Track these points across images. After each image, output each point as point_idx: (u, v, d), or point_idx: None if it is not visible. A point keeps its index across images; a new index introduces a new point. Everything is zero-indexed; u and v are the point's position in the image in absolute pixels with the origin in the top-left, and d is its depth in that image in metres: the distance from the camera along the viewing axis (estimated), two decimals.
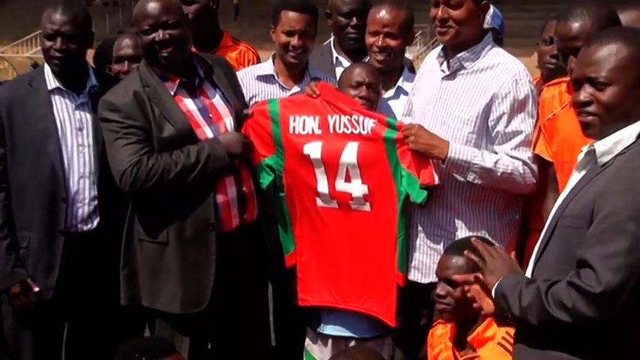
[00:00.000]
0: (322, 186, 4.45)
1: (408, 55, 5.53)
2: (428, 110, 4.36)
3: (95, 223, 4.64)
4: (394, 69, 4.97)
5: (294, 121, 4.51)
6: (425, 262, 4.43)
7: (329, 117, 4.45)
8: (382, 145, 4.29)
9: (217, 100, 4.51)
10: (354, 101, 4.49)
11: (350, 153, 4.38)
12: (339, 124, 4.41)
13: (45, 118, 4.59)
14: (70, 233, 4.61)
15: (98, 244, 4.62)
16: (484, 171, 4.13)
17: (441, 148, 4.11)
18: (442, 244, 4.33)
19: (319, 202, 4.51)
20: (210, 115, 4.45)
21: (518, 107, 4.18)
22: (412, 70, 5.13)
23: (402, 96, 4.93)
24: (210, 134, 4.43)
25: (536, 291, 3.00)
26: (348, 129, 4.39)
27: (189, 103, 4.42)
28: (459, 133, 4.23)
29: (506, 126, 4.16)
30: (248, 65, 5.60)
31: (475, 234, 4.16)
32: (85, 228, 4.62)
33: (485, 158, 4.12)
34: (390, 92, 4.96)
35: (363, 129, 4.35)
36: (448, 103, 4.26)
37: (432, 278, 4.25)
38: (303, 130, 4.48)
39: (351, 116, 4.37)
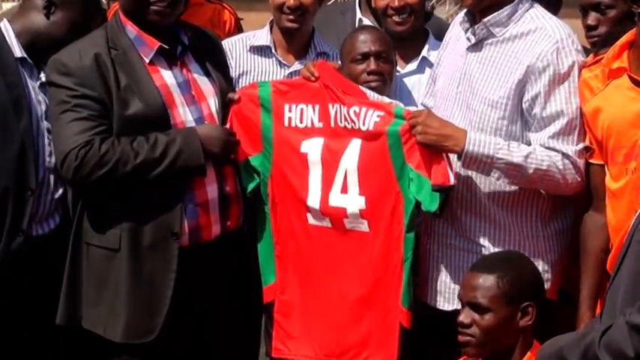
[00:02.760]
0: (313, 198, 3.97)
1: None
2: (451, 91, 3.91)
3: (52, 226, 4.15)
4: (416, 35, 4.55)
5: (290, 110, 4.00)
6: (448, 284, 3.96)
7: (330, 106, 3.94)
8: (385, 143, 3.82)
9: (201, 76, 4.02)
10: (355, 87, 3.97)
11: (352, 154, 3.91)
12: (340, 116, 3.92)
13: (17, 87, 4.02)
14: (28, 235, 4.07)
15: (50, 252, 4.09)
16: (511, 167, 3.68)
17: (455, 139, 3.67)
18: (471, 260, 3.85)
19: (311, 219, 4.02)
20: (192, 93, 3.96)
21: (559, 83, 3.70)
22: (440, 37, 4.57)
23: (427, 70, 4.49)
24: (188, 117, 3.93)
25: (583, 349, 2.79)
26: (349, 123, 3.90)
27: (166, 75, 3.92)
28: (487, 118, 3.78)
29: (544, 108, 3.69)
30: (225, 29, 5.20)
31: (512, 248, 3.83)
32: (40, 231, 4.12)
33: (512, 151, 3.67)
34: (413, 65, 4.55)
35: (363, 124, 3.85)
36: (473, 81, 3.82)
37: (457, 304, 3.74)
38: (301, 122, 3.98)
39: (349, 108, 3.87)
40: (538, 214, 3.88)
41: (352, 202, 3.94)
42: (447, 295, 3.99)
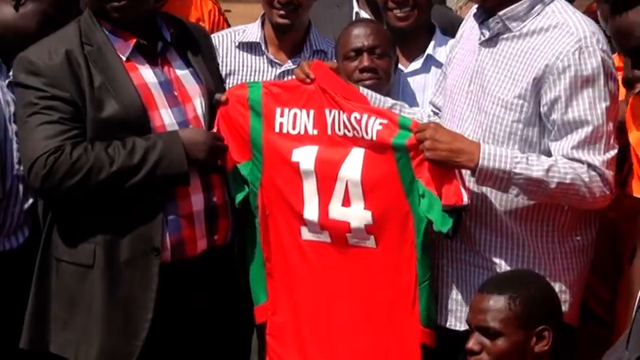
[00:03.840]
0: (311, 210, 3.82)
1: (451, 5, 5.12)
2: (461, 90, 3.79)
3: (21, 239, 4.03)
4: (421, 30, 4.40)
5: (282, 114, 3.84)
6: (460, 302, 3.84)
7: (326, 112, 3.77)
8: (392, 155, 3.67)
9: (185, 75, 3.89)
10: (355, 91, 3.81)
11: (353, 164, 3.75)
12: (338, 123, 3.75)
13: None
14: None
15: (19, 268, 3.98)
16: (531, 183, 3.54)
17: (468, 154, 3.54)
18: (483, 278, 3.75)
19: (305, 233, 3.87)
20: (175, 94, 3.83)
21: (582, 86, 3.55)
22: (448, 32, 4.51)
23: (433, 68, 4.38)
24: (171, 120, 3.79)
25: None
26: (349, 131, 3.73)
27: (146, 74, 3.79)
28: (500, 121, 3.66)
29: (564, 113, 3.54)
30: (208, 23, 5.02)
31: (526, 265, 3.70)
32: (8, 246, 4.01)
33: (531, 164, 3.54)
34: (417, 63, 4.40)
35: (366, 132, 3.69)
36: (485, 80, 3.71)
37: None
38: (294, 128, 3.82)
39: (350, 114, 3.71)
40: (556, 228, 3.73)
41: (356, 216, 3.80)
42: (458, 315, 3.85)
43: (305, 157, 3.81)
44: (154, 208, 3.70)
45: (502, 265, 3.73)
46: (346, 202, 3.78)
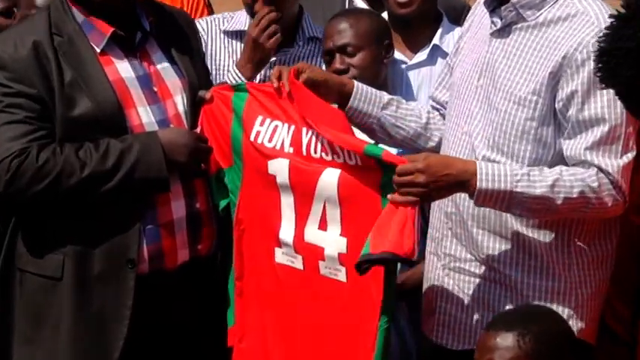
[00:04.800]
0: (287, 230, 3.68)
1: None
2: (470, 84, 3.69)
3: None
4: (426, 18, 4.28)
5: (263, 123, 3.67)
6: (459, 318, 3.68)
7: (303, 131, 3.58)
8: (378, 176, 3.49)
9: (166, 68, 3.76)
10: (332, 110, 3.60)
11: (329, 182, 3.59)
12: (314, 146, 3.58)
13: None
14: None
15: None
16: (535, 201, 3.45)
17: (466, 178, 3.44)
18: (488, 290, 3.63)
19: (279, 256, 3.71)
20: (155, 89, 3.69)
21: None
22: (457, 20, 4.44)
23: (440, 60, 4.25)
24: (149, 118, 3.67)
25: None
26: (328, 154, 3.56)
27: (122, 68, 3.66)
28: (512, 119, 3.56)
29: (580, 110, 3.45)
30: (188, 8, 4.92)
31: (538, 276, 3.54)
32: None
33: (534, 181, 3.45)
34: (422, 54, 4.27)
35: (350, 157, 3.52)
36: (497, 74, 3.62)
37: (469, 343, 3.62)
38: (270, 141, 3.66)
39: (324, 137, 3.57)
40: (572, 236, 3.60)
41: (332, 242, 3.63)
42: (457, 331, 3.70)
43: (279, 169, 3.68)
44: (129, 216, 3.58)
45: (511, 277, 3.58)
46: (323, 224, 3.64)
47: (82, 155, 3.51)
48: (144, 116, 3.64)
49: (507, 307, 3.53)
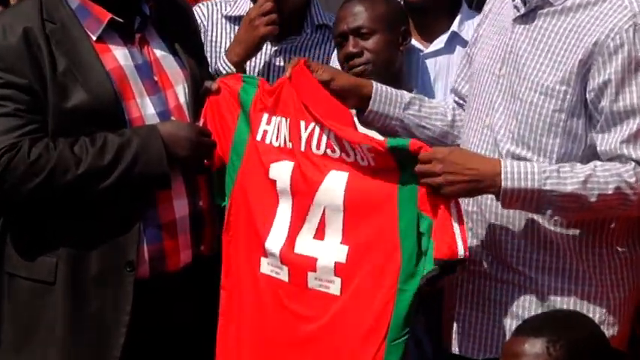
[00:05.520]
0: (275, 240, 3.54)
1: None
2: (492, 74, 3.59)
3: None
4: (443, 4, 4.16)
5: (269, 122, 3.55)
6: (480, 325, 3.60)
7: (301, 124, 3.47)
8: (393, 179, 3.35)
9: (166, 57, 3.65)
10: (338, 106, 3.48)
11: (333, 187, 3.46)
12: (317, 140, 3.45)
13: None
14: None
15: None
16: (566, 199, 3.35)
17: (489, 178, 3.37)
18: (513, 296, 3.55)
19: (264, 266, 3.57)
20: (155, 79, 3.59)
21: (637, 69, 3.41)
22: (477, 5, 4.33)
23: (458, 48, 4.14)
24: (149, 110, 3.57)
25: None
26: (334, 151, 3.42)
27: (120, 56, 3.55)
28: (538, 110, 3.47)
29: (614, 101, 3.37)
30: None
31: (567, 279, 3.45)
32: None
33: (564, 177, 3.37)
34: (439, 42, 4.13)
35: (363, 158, 3.37)
36: (521, 62, 3.52)
37: (492, 352, 3.56)
38: (276, 139, 3.54)
39: (337, 134, 3.42)
40: (604, 236, 3.52)
41: (329, 251, 3.49)
42: (479, 340, 3.61)
43: (281, 173, 3.55)
44: (128, 215, 3.47)
45: (538, 281, 3.48)
46: (320, 233, 3.49)
47: (77, 150, 3.41)
48: (143, 108, 3.53)
49: (533, 313, 3.44)
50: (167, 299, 3.59)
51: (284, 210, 3.52)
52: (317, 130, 3.44)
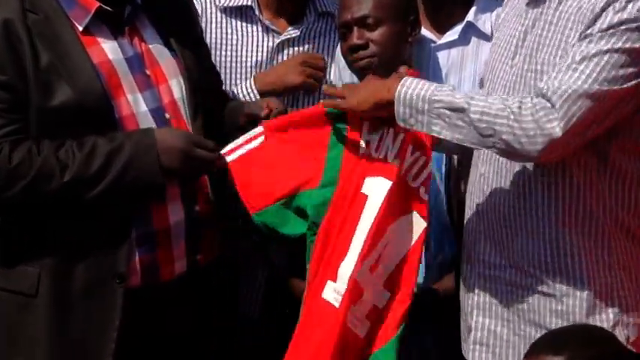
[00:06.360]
0: (348, 262, 3.32)
1: None
2: (504, 64, 3.45)
3: None
4: None
5: (371, 130, 3.42)
6: (497, 332, 3.48)
7: (409, 148, 3.41)
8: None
9: (159, 48, 3.49)
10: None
11: (402, 231, 3.39)
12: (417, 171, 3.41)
13: None
14: None
15: None
16: (453, 115, 3.29)
17: (388, 85, 3.33)
18: (528, 300, 3.40)
19: (327, 291, 3.34)
20: (148, 72, 3.42)
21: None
22: None
23: (474, 39, 3.99)
24: (141, 107, 3.39)
25: None
26: (425, 193, 3.43)
27: (108, 48, 3.38)
28: None
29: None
30: None
31: (583, 284, 3.33)
32: None
33: (456, 93, 3.33)
34: (453, 33, 4.02)
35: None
36: (535, 50, 3.38)
37: None
38: (377, 150, 3.41)
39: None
40: (619, 235, 3.38)
41: (374, 289, 3.34)
42: (496, 350, 3.48)
43: (376, 190, 3.36)
44: (118, 222, 3.30)
45: (550, 284, 3.33)
46: (375, 264, 3.32)
47: (62, 156, 3.25)
48: (134, 105, 3.35)
49: (549, 319, 3.31)
50: (160, 308, 3.44)
51: (363, 230, 3.35)
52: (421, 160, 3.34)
